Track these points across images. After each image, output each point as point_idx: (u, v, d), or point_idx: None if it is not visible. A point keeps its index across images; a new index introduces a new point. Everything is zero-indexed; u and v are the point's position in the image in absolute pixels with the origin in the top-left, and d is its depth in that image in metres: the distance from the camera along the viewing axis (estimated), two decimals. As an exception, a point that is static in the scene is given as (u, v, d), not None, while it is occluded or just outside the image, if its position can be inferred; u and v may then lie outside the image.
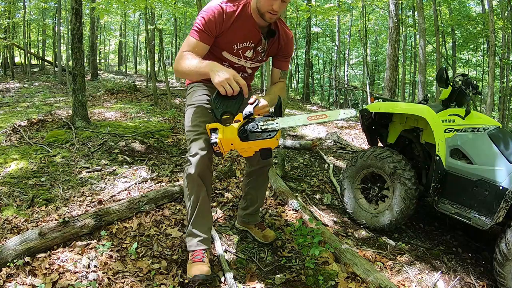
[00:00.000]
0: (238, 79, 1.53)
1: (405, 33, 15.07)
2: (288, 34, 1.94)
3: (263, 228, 2.41)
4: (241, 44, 1.84)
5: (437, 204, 2.56)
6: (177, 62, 1.72)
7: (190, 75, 1.77)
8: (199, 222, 1.88)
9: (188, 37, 1.74)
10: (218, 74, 1.53)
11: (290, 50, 2.01)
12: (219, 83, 1.50)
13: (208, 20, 1.69)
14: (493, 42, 7.08)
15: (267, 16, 1.70)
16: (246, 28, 1.78)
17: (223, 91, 1.51)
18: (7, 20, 13.26)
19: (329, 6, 10.16)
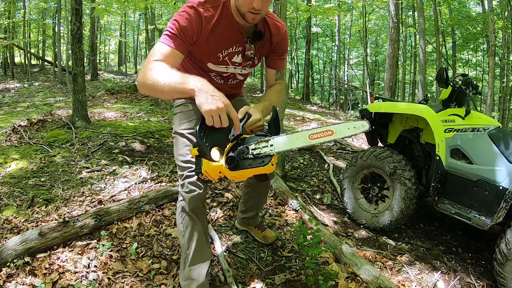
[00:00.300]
0: (231, 111, 1.25)
1: (405, 33, 15.07)
2: (281, 28, 1.66)
3: (263, 228, 2.39)
4: (227, 50, 1.58)
5: (437, 204, 2.56)
6: (145, 73, 1.32)
7: (164, 92, 1.29)
8: (198, 260, 1.68)
9: (159, 43, 1.40)
10: (208, 99, 1.20)
11: (285, 46, 1.72)
12: (208, 111, 1.19)
13: (184, 25, 1.39)
14: (493, 42, 7.08)
15: (249, 17, 1.42)
16: (230, 31, 1.52)
17: (211, 122, 1.21)
18: (7, 20, 13.27)
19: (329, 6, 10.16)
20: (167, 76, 1.28)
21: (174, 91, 1.27)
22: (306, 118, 8.38)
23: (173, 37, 1.39)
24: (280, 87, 1.78)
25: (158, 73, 1.29)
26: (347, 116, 9.79)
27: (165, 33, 1.40)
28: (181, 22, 1.39)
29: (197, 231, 1.65)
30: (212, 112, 1.19)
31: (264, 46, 1.67)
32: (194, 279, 1.65)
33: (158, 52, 1.38)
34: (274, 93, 1.74)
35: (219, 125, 1.23)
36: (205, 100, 1.20)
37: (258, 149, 1.32)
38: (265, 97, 1.68)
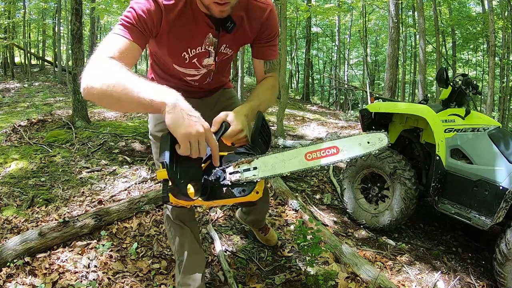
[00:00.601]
0: (210, 138, 0.96)
1: (405, 33, 15.08)
2: (264, 9, 1.30)
3: (266, 231, 2.29)
4: (193, 50, 1.30)
5: (437, 204, 2.56)
6: (95, 75, 0.98)
7: (122, 103, 0.96)
8: (191, 266, 1.62)
9: (113, 35, 1.09)
10: (185, 120, 0.90)
11: (272, 29, 1.35)
12: (186, 136, 0.89)
13: (141, 14, 1.10)
14: (493, 42, 7.08)
15: (215, 10, 1.11)
16: (195, 26, 1.23)
17: (186, 150, 0.91)
18: (7, 20, 13.26)
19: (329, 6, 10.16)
20: (127, 81, 0.94)
21: (136, 102, 0.92)
22: (306, 118, 8.39)
23: (130, 28, 1.09)
24: (272, 82, 1.42)
25: (113, 76, 0.95)
26: (347, 116, 9.79)
27: (120, 22, 1.11)
28: (139, 10, 1.11)
29: (187, 237, 1.60)
30: (191, 137, 0.89)
31: (239, 35, 1.32)
32: (190, 284, 1.63)
33: (112, 46, 1.05)
34: (265, 89, 1.38)
35: (196, 155, 0.92)
36: (181, 120, 0.89)
37: (237, 173, 1.01)
38: (253, 96, 1.34)
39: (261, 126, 1.14)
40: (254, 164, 1.02)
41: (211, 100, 1.65)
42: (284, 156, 1.04)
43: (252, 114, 1.21)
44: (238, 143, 1.14)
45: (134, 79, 0.95)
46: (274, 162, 1.03)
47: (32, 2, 16.17)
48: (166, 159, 0.90)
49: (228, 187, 1.02)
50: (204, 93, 1.61)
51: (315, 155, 1.04)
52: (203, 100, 1.62)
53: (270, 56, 1.41)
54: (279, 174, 1.03)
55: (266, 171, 1.02)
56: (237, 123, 1.11)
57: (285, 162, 1.04)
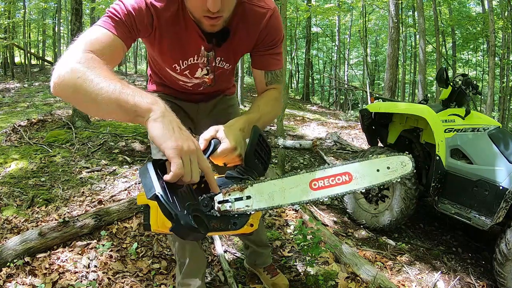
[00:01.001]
0: (201, 159, 0.80)
1: (405, 33, 15.08)
2: (263, 14, 1.12)
3: (274, 273, 1.92)
4: (185, 62, 1.18)
5: (437, 204, 2.56)
6: (70, 69, 0.83)
7: (99, 105, 0.80)
8: (192, 269, 1.60)
9: (96, 27, 0.96)
10: (175, 132, 0.76)
11: (274, 35, 1.16)
12: (177, 150, 0.73)
13: (130, 10, 0.98)
14: (493, 42, 7.09)
15: (206, 24, 0.99)
16: (187, 36, 1.11)
17: (178, 173, 0.72)
18: (7, 20, 13.27)
19: (329, 6, 10.17)
20: (107, 79, 0.80)
21: (115, 104, 0.78)
22: (306, 118, 8.39)
23: (117, 22, 0.96)
24: (275, 94, 1.23)
25: (91, 71, 0.81)
26: (347, 116, 9.78)
27: (107, 14, 0.97)
28: (128, 5, 0.97)
29: (188, 241, 1.54)
30: (182, 152, 0.73)
31: (235, 46, 1.17)
32: (190, 285, 1.62)
33: (94, 38, 0.92)
34: (266, 102, 1.19)
35: (189, 179, 0.74)
36: (170, 131, 0.75)
37: (227, 202, 0.84)
38: (252, 108, 1.15)
39: (258, 143, 0.94)
40: (247, 192, 0.84)
41: (208, 105, 1.55)
42: (284, 183, 0.86)
43: (250, 128, 1.01)
44: (231, 163, 0.96)
45: (115, 79, 0.81)
46: (272, 191, 0.85)
47: (32, 2, 16.18)
48: (158, 190, 0.70)
49: (216, 219, 0.83)
50: (201, 97, 1.50)
51: (323, 184, 0.86)
52: (199, 105, 1.53)
53: (271, 65, 1.22)
54: (277, 206, 0.85)
55: (261, 201, 0.84)
56: (229, 140, 0.93)
57: (285, 192, 0.86)
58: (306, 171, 0.88)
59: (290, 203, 0.86)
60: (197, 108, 1.53)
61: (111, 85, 0.79)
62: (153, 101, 0.79)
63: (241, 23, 1.12)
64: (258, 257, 1.91)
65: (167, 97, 1.45)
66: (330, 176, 0.87)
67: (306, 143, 4.96)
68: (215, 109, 1.57)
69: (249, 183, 0.86)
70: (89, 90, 0.79)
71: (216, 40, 1.12)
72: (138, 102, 0.78)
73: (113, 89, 0.79)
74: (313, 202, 0.80)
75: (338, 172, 0.87)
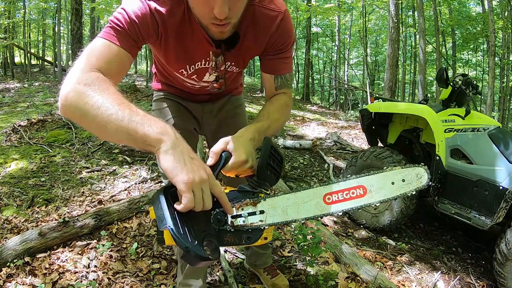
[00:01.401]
0: (214, 185, 0.78)
1: (405, 33, 15.08)
2: (274, 17, 1.08)
3: (274, 274, 1.93)
4: (192, 67, 1.16)
5: (437, 204, 2.56)
6: (76, 92, 0.82)
7: (107, 132, 0.79)
8: (194, 270, 1.58)
9: (100, 40, 0.92)
10: (186, 163, 0.75)
11: (284, 39, 1.12)
12: (189, 183, 0.72)
13: (134, 19, 0.94)
14: (493, 42, 7.09)
15: (214, 31, 0.95)
16: (193, 42, 1.07)
17: (189, 204, 0.72)
18: (7, 20, 13.27)
19: (329, 6, 10.17)
20: (116, 105, 0.78)
21: (124, 132, 0.77)
22: (306, 118, 8.39)
23: (121, 33, 0.93)
24: (284, 99, 1.20)
25: (100, 96, 0.79)
26: (347, 116, 9.78)
27: (110, 25, 0.94)
28: (131, 13, 0.94)
29: None
30: (194, 185, 0.73)
31: (244, 51, 1.14)
32: (191, 285, 1.62)
33: (98, 53, 0.90)
34: (276, 108, 1.15)
35: (200, 208, 0.75)
36: (181, 164, 0.74)
37: (240, 217, 0.83)
38: (261, 115, 1.11)
39: (270, 155, 0.92)
40: (260, 206, 0.84)
41: (214, 106, 1.52)
42: (297, 197, 0.85)
43: (260, 137, 1.00)
44: (242, 174, 0.96)
45: (124, 104, 0.79)
46: (285, 205, 0.84)
47: (32, 2, 16.19)
48: (169, 224, 0.71)
49: (230, 234, 0.83)
50: (207, 97, 1.48)
51: (337, 198, 0.85)
52: (205, 106, 1.51)
53: (281, 70, 1.18)
54: (291, 220, 0.84)
55: (275, 216, 0.84)
56: (239, 153, 0.90)
57: (299, 206, 0.84)
58: (320, 185, 0.87)
59: (304, 217, 0.85)
60: (203, 108, 1.51)
61: (120, 112, 0.77)
62: (163, 130, 0.76)
63: (251, 26, 1.07)
64: (258, 258, 1.91)
65: (172, 96, 1.45)
66: (344, 190, 0.86)
67: (306, 143, 4.96)
68: (222, 110, 1.55)
69: (263, 197, 0.85)
70: (98, 116, 0.78)
71: (225, 45, 1.07)
72: (148, 132, 0.76)
73: (121, 117, 0.77)
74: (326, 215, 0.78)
75: (352, 185, 0.86)
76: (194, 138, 1.56)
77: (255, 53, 1.17)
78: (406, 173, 0.86)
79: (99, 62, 0.88)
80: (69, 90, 0.83)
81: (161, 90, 1.47)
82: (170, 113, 1.42)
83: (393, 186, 0.86)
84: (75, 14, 4.63)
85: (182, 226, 0.73)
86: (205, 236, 0.77)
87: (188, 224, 0.74)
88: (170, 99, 1.46)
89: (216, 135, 1.55)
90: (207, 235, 0.77)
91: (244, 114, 1.62)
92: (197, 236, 0.75)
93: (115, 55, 0.91)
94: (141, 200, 2.57)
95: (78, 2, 4.66)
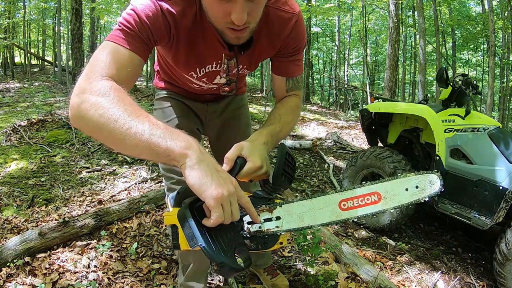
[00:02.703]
0: (241, 195, 0.77)
1: (405, 33, 15.09)
2: (288, 19, 1.05)
3: (274, 274, 1.93)
4: (203, 69, 1.12)
5: (437, 204, 2.56)
6: (87, 100, 0.77)
7: (126, 146, 0.75)
8: (196, 273, 1.57)
9: (109, 44, 0.87)
10: (214, 178, 0.72)
11: (298, 41, 1.11)
12: (218, 198, 0.70)
13: (145, 20, 0.88)
14: (493, 42, 7.09)
15: (231, 36, 0.91)
16: (205, 45, 1.03)
17: (219, 219, 0.71)
18: (7, 20, 13.27)
19: (329, 6, 10.17)
20: (134, 118, 0.74)
21: (145, 147, 0.73)
22: (306, 118, 8.38)
23: (132, 36, 0.88)
24: (295, 101, 1.19)
25: (115, 108, 0.75)
26: (347, 116, 9.79)
27: (119, 27, 0.88)
28: (142, 15, 0.88)
29: None
30: (223, 199, 0.70)
31: (256, 53, 1.11)
32: (193, 287, 1.62)
33: (110, 59, 0.84)
34: (287, 111, 1.14)
35: (229, 221, 0.73)
36: (209, 179, 0.71)
37: (257, 224, 0.83)
38: (273, 118, 1.09)
39: (285, 162, 0.94)
40: (276, 213, 0.84)
41: (218, 106, 1.50)
42: (313, 204, 0.86)
43: (273, 141, 1.01)
44: (257, 179, 0.95)
45: (142, 116, 0.75)
46: (301, 212, 0.85)
47: (32, 2, 16.18)
48: (200, 242, 0.70)
49: (246, 240, 0.83)
50: (211, 97, 1.45)
51: (352, 204, 0.86)
52: (210, 106, 1.48)
53: (293, 72, 1.17)
54: (307, 226, 0.85)
55: (291, 222, 0.84)
56: (255, 158, 0.89)
57: (315, 212, 0.85)
58: (335, 191, 0.88)
59: (320, 223, 0.85)
60: (206, 108, 1.48)
61: (139, 125, 0.73)
62: (187, 145, 0.73)
63: (265, 28, 1.03)
64: (258, 258, 1.90)
65: (176, 95, 1.42)
66: (359, 196, 0.87)
67: (306, 143, 4.95)
68: (226, 110, 1.52)
69: (278, 203, 0.86)
70: (115, 130, 0.73)
71: (239, 48, 1.03)
72: (171, 147, 0.72)
73: (141, 131, 0.72)
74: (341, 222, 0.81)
75: (367, 192, 0.87)
76: (198, 138, 1.52)
77: (268, 55, 1.14)
78: (419, 179, 0.87)
79: (111, 70, 0.83)
80: (81, 101, 0.77)
81: (164, 88, 1.44)
82: (174, 113, 1.40)
83: (407, 193, 0.87)
84: (75, 14, 4.63)
85: (213, 241, 0.72)
86: (236, 246, 0.77)
87: (218, 238, 0.73)
88: (173, 98, 1.43)
89: (220, 136, 1.56)
90: (237, 245, 0.77)
91: (247, 114, 1.61)
92: (228, 247, 0.74)
93: (127, 60, 0.86)
94: (141, 200, 2.57)
95: (78, 2, 4.66)
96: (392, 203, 0.86)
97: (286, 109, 1.14)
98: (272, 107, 1.22)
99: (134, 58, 0.88)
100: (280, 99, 1.20)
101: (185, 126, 1.37)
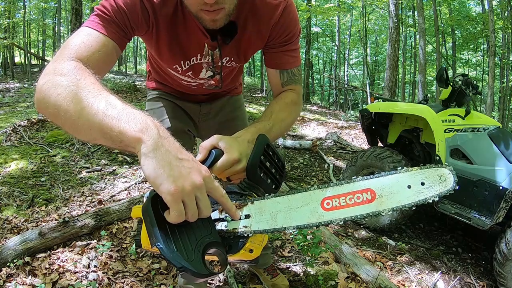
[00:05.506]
0: (213, 187, 0.65)
1: (405, 33, 15.09)
2: (274, 5, 0.97)
3: (274, 274, 1.93)
4: (187, 62, 1.07)
5: (437, 204, 2.56)
6: (50, 81, 0.70)
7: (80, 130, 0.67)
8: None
9: (83, 28, 0.84)
10: (172, 168, 0.59)
11: (288, 30, 1.02)
12: (175, 194, 0.58)
13: (122, 6, 0.85)
14: (493, 42, 7.09)
15: (205, 19, 0.84)
16: (187, 35, 0.99)
17: (178, 217, 0.59)
18: (7, 20, 13.27)
19: (329, 6, 10.17)
20: (90, 97, 0.65)
21: (98, 130, 0.63)
22: (306, 118, 8.39)
23: (108, 20, 0.84)
24: (291, 97, 1.08)
25: (74, 87, 0.67)
26: (347, 116, 9.79)
27: (95, 12, 0.85)
28: (120, 0, 0.85)
29: None
30: (184, 194, 0.58)
31: (244, 44, 1.04)
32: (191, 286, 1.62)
33: (80, 42, 0.79)
34: (281, 107, 1.04)
35: (195, 218, 0.61)
36: (167, 168, 0.58)
37: (223, 221, 0.70)
38: (265, 115, 1.00)
39: (264, 154, 0.79)
40: (246, 210, 0.70)
41: (212, 107, 1.44)
42: (290, 201, 0.70)
43: (252, 139, 0.87)
44: (235, 178, 0.82)
45: (101, 95, 0.65)
46: (275, 210, 0.69)
47: (32, 2, 16.18)
48: (159, 242, 0.59)
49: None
50: (204, 97, 1.39)
51: (338, 203, 0.68)
52: (202, 106, 1.43)
53: (287, 64, 1.07)
54: (280, 228, 0.69)
55: (262, 222, 0.69)
56: (232, 151, 0.78)
57: (291, 211, 0.69)
58: (318, 187, 0.71)
59: (296, 225, 0.69)
60: (199, 109, 1.43)
61: (94, 105, 0.63)
62: (142, 127, 0.61)
63: (251, 17, 0.97)
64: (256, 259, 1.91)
65: (167, 95, 1.38)
66: (347, 193, 0.69)
67: (306, 143, 4.95)
68: (221, 112, 1.47)
69: (250, 199, 0.72)
70: (69, 111, 0.65)
71: (222, 37, 0.97)
72: (124, 130, 0.60)
73: (95, 111, 0.63)
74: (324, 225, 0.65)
75: (358, 188, 0.69)
76: (189, 140, 1.48)
77: (257, 46, 1.06)
78: (426, 174, 0.69)
79: (80, 51, 0.77)
80: (44, 82, 0.70)
81: (155, 88, 1.40)
82: (165, 113, 1.35)
83: (409, 191, 0.69)
84: (75, 14, 4.63)
85: (176, 240, 0.60)
86: (209, 245, 0.63)
87: (184, 235, 0.61)
88: (164, 98, 1.39)
89: None
90: (211, 243, 0.63)
91: (244, 116, 1.56)
92: (198, 246, 0.62)
93: (100, 44, 0.81)
94: (141, 200, 2.56)
95: (78, 2, 4.66)
96: (389, 203, 0.68)
97: (280, 106, 1.04)
98: None
99: (108, 44, 0.83)
100: (276, 95, 1.11)
101: (177, 127, 1.35)
